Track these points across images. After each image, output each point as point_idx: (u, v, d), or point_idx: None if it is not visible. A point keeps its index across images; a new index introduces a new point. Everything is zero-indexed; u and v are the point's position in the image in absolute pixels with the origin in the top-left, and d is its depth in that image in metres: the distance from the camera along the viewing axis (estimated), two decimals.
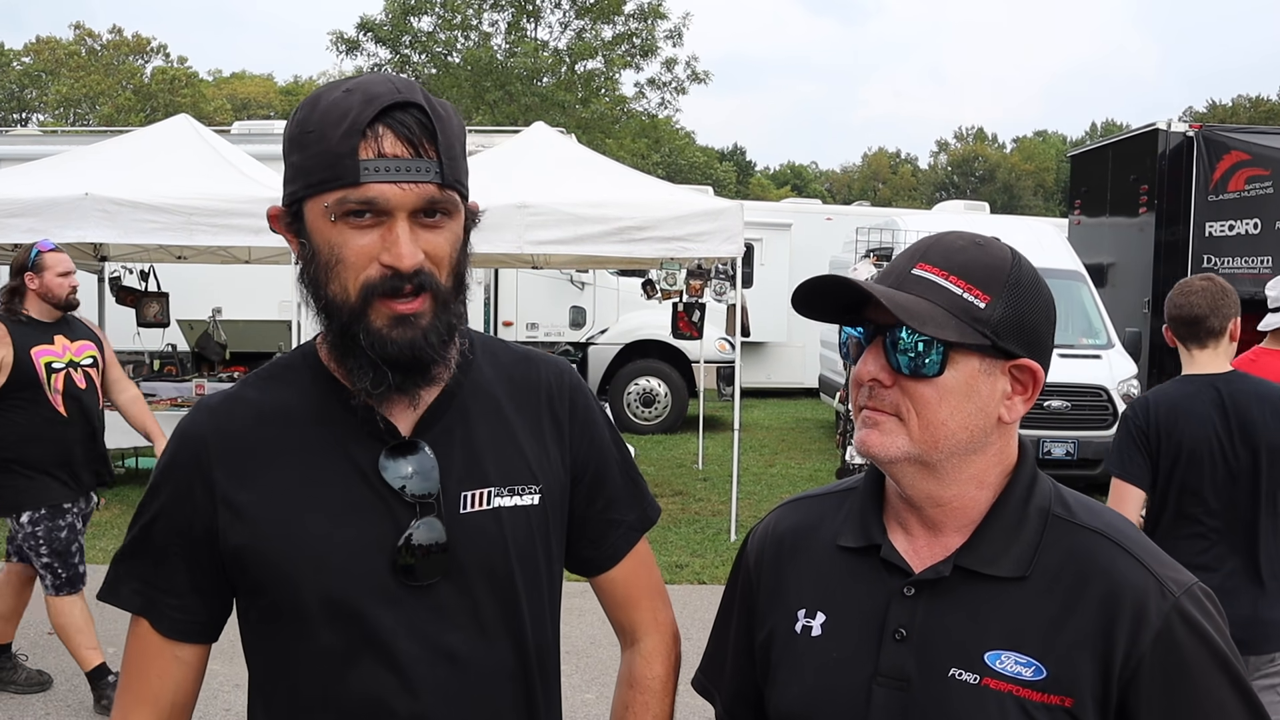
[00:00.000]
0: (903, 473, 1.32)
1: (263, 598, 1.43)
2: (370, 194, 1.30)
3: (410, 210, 1.32)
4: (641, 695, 1.64)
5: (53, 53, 48.38)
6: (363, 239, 1.32)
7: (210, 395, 1.52)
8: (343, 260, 1.33)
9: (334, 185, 1.31)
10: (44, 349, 5.06)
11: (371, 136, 1.30)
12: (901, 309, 1.23)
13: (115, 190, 8.40)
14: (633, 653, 1.67)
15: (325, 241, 1.34)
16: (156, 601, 1.46)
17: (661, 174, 25.98)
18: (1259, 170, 12.57)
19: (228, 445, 1.44)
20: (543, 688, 1.54)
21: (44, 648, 5.99)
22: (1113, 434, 3.62)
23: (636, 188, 9.46)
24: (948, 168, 79.06)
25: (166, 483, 1.46)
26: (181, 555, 1.45)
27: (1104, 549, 1.28)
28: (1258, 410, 3.39)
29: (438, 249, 1.35)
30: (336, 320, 1.36)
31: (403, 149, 1.30)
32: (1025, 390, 1.31)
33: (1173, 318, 3.59)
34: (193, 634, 1.48)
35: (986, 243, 1.32)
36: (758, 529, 1.56)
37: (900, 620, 1.31)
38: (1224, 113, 51.35)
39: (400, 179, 1.30)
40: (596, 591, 1.68)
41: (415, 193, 1.31)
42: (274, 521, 1.40)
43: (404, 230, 1.31)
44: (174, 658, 1.48)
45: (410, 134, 1.31)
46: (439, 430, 1.46)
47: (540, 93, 24.95)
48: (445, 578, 1.42)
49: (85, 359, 5.21)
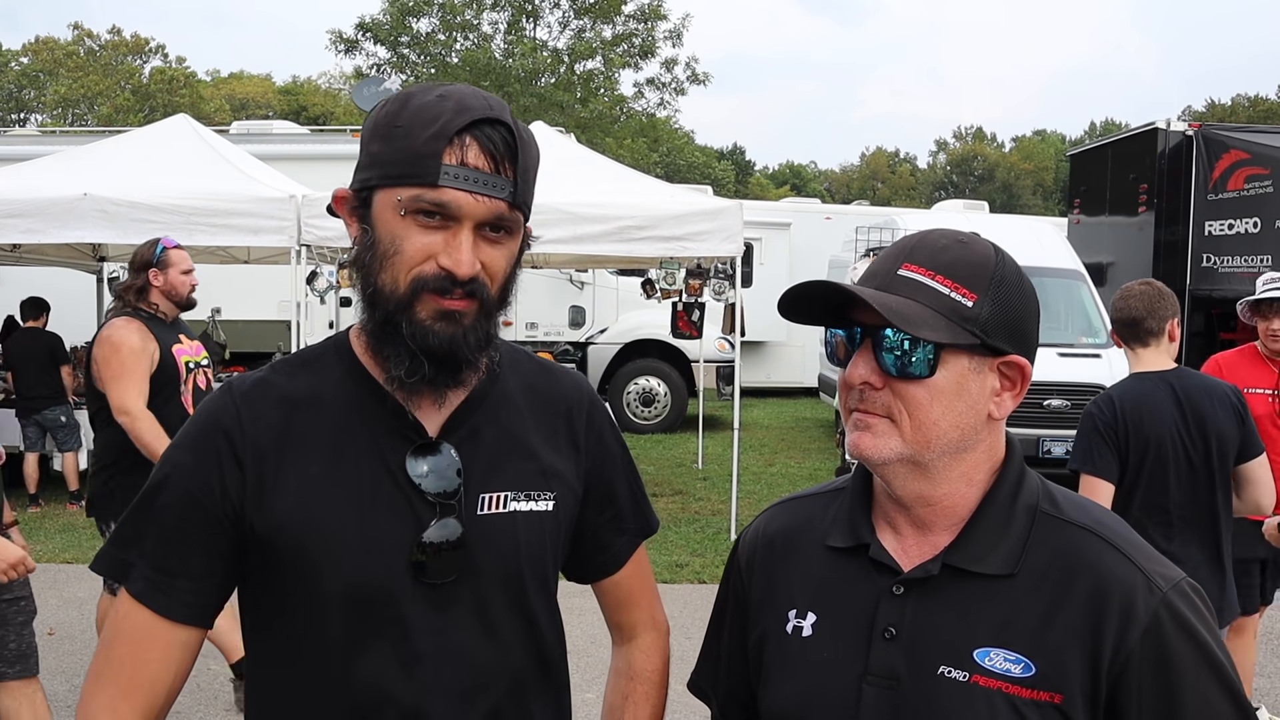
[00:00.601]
0: (894, 473, 1.32)
1: (277, 584, 1.44)
2: (445, 198, 1.34)
3: (478, 221, 1.37)
4: (642, 686, 1.71)
5: (51, 53, 48.38)
6: (426, 238, 1.36)
7: (239, 378, 1.51)
8: (401, 253, 1.37)
9: (412, 182, 1.35)
10: (180, 347, 4.91)
11: (458, 144, 1.35)
12: (893, 313, 1.23)
13: (114, 190, 8.40)
14: (631, 647, 1.74)
15: (389, 232, 1.38)
16: (165, 584, 1.43)
17: (660, 173, 26.00)
18: (1258, 169, 12.58)
19: (257, 429, 1.44)
20: (550, 692, 1.57)
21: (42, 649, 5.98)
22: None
23: (636, 187, 9.46)
24: (947, 167, 79.11)
25: (189, 462, 1.44)
26: (199, 536, 1.43)
27: (1092, 545, 1.28)
28: (1207, 403, 3.65)
29: (495, 263, 1.40)
30: (381, 309, 1.40)
31: (485, 162, 1.35)
32: (1014, 386, 1.32)
33: (1114, 320, 3.87)
34: (196, 617, 1.45)
35: (969, 240, 1.32)
36: (748, 531, 1.57)
37: (889, 619, 1.31)
38: (1223, 112, 51.38)
39: (477, 190, 1.35)
40: (598, 593, 1.74)
41: (487, 206, 1.36)
42: (300, 509, 1.41)
43: (468, 239, 1.36)
44: (179, 642, 1.44)
45: (494, 150, 1.36)
46: (464, 432, 1.49)
47: (538, 93, 24.95)
48: (459, 577, 1.44)
49: (203, 359, 5.08)
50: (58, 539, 8.52)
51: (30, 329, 9.87)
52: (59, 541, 8.44)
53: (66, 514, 9.35)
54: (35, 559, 7.78)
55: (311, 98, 56.95)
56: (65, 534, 8.68)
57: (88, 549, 8.20)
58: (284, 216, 8.43)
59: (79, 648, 5.99)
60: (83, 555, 8.03)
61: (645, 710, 1.70)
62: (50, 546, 8.29)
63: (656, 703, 1.71)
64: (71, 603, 6.87)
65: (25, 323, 9.90)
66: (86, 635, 6.19)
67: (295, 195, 8.53)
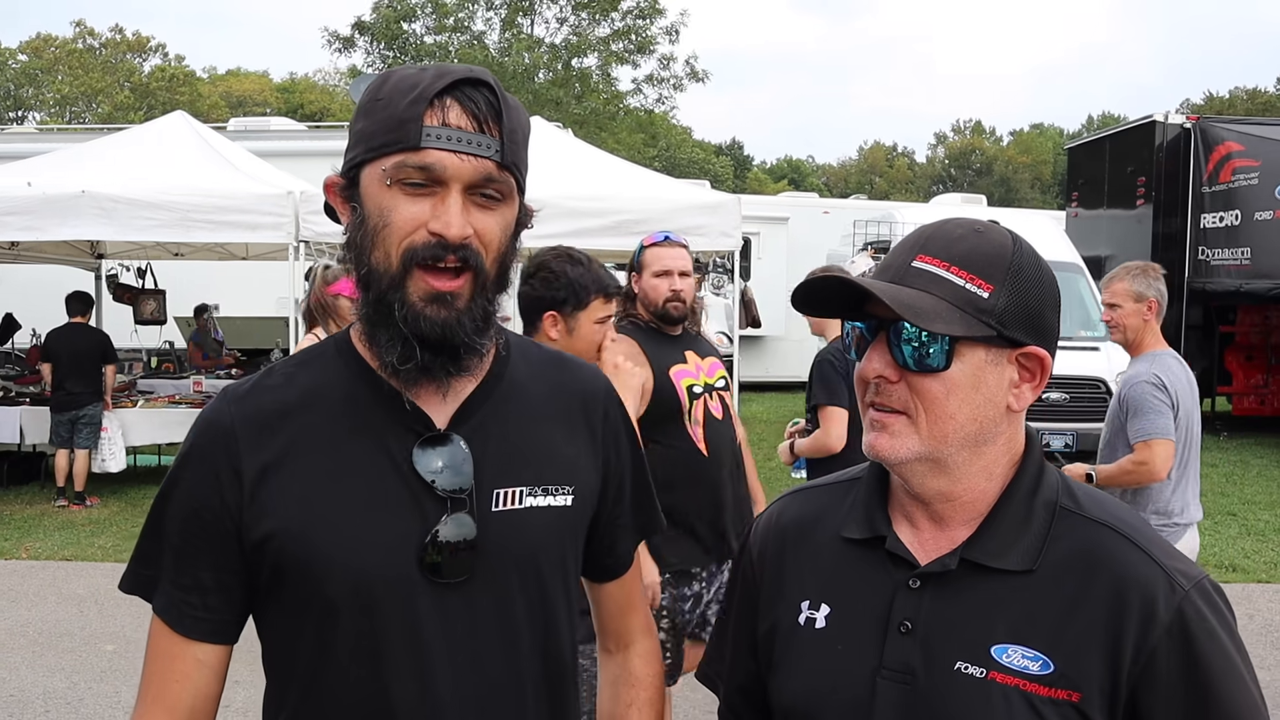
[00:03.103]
0: (912, 472, 1.30)
1: (284, 591, 1.38)
2: (429, 159, 1.29)
3: (466, 184, 1.31)
4: (645, 692, 1.67)
5: (51, 50, 48.25)
6: (414, 206, 1.31)
7: (237, 383, 1.47)
8: (390, 225, 1.32)
9: (394, 149, 1.30)
10: (681, 369, 3.82)
11: (439, 106, 1.30)
12: (905, 306, 1.21)
13: (112, 187, 8.39)
14: (630, 654, 1.68)
15: (376, 206, 1.33)
16: (176, 600, 1.40)
17: (659, 169, 25.91)
18: (1249, 161, 12.57)
19: (255, 434, 1.39)
20: (563, 695, 1.51)
21: (41, 646, 5.99)
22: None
23: (634, 182, 9.47)
24: (944, 161, 79.02)
25: (189, 473, 1.41)
26: (205, 550, 1.39)
27: (1112, 542, 1.26)
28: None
29: (488, 229, 1.34)
30: (374, 289, 1.34)
31: (467, 122, 1.30)
32: (1033, 378, 1.30)
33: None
34: (214, 634, 1.41)
35: (986, 229, 1.30)
36: (760, 521, 1.54)
37: (905, 613, 1.29)
38: (1221, 105, 51.37)
39: (461, 149, 1.30)
40: (599, 597, 1.68)
41: (473, 165, 1.30)
42: (301, 512, 1.36)
43: (456, 201, 1.31)
44: (195, 660, 1.41)
45: (476, 109, 1.31)
46: (475, 424, 1.42)
47: (533, 90, 24.92)
48: (473, 577, 1.38)
49: (718, 379, 3.98)
50: (56, 536, 8.51)
51: (76, 325, 9.64)
52: (58, 539, 8.43)
53: (66, 512, 9.34)
54: (33, 556, 7.83)
55: (308, 94, 56.80)
56: (64, 531, 8.67)
57: (86, 546, 8.20)
58: (282, 212, 8.42)
59: (78, 645, 5.98)
60: (81, 553, 8.03)
61: (649, 717, 1.66)
62: (49, 544, 8.29)
63: (660, 709, 1.67)
64: (70, 600, 6.86)
65: (71, 318, 9.64)
66: (85, 633, 6.18)
67: (293, 191, 8.53)
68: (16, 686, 5.42)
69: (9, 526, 8.85)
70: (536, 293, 3.28)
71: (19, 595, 6.98)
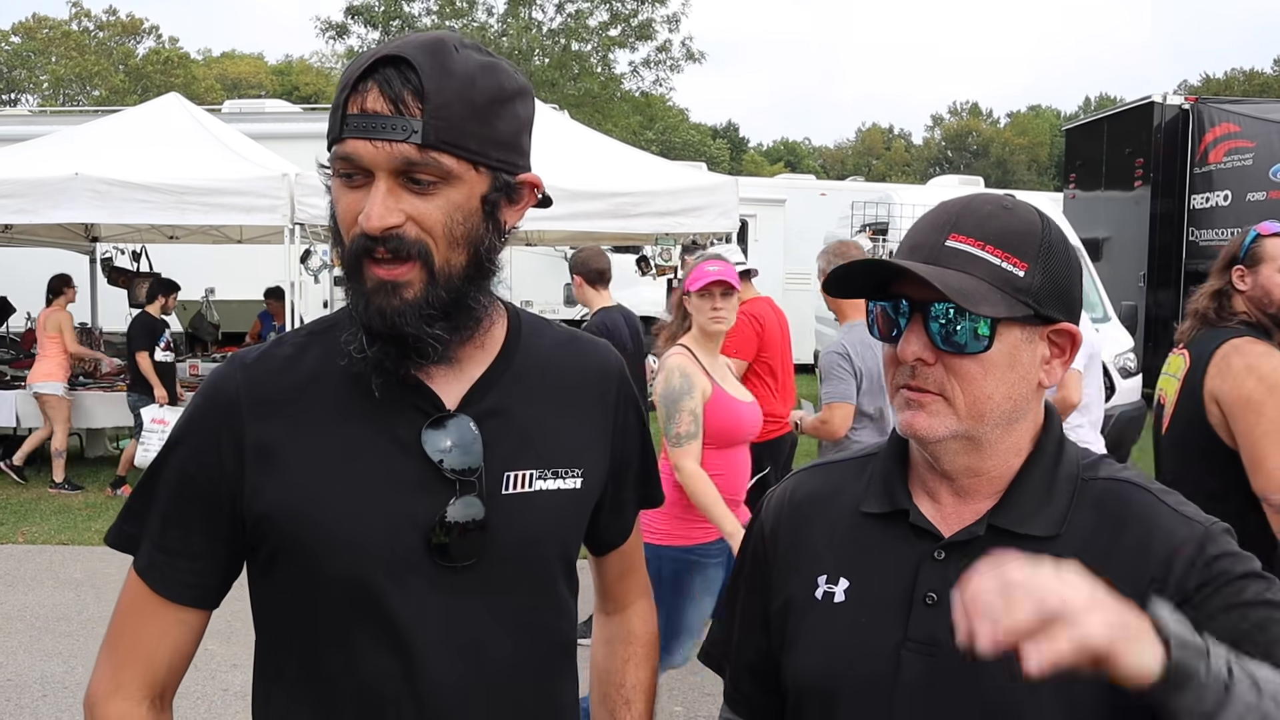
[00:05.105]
0: (945, 449, 1.30)
1: (282, 568, 1.36)
2: (348, 149, 1.26)
3: (389, 171, 1.25)
4: (642, 648, 1.72)
5: (44, 32, 48.00)
6: (350, 198, 1.29)
7: (246, 349, 1.44)
8: (339, 218, 1.31)
9: (331, 140, 1.29)
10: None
11: (360, 91, 1.25)
12: (955, 290, 1.20)
13: (105, 170, 8.34)
14: (629, 614, 1.73)
15: (334, 199, 1.32)
16: (159, 562, 1.38)
17: (656, 151, 25.85)
18: (1244, 142, 12.53)
19: (261, 402, 1.36)
20: (564, 681, 1.50)
21: (38, 631, 5.98)
22: (1110, 405, 3.74)
23: (630, 164, 9.43)
24: (941, 143, 78.90)
25: (190, 437, 1.38)
26: (196, 516, 1.36)
27: (1133, 496, 1.28)
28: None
29: (426, 216, 1.27)
30: (344, 279, 1.33)
31: (383, 105, 1.24)
32: (1063, 353, 1.30)
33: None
34: (198, 599, 1.40)
35: (1014, 205, 1.30)
36: (773, 496, 1.53)
37: (931, 585, 1.29)
38: (1218, 86, 51.26)
39: (373, 135, 1.24)
40: (600, 564, 1.70)
41: (387, 152, 1.24)
42: (304, 487, 1.33)
43: (379, 191, 1.25)
44: (177, 619, 1.39)
45: (391, 91, 1.24)
46: (486, 405, 1.39)
47: (529, 72, 24.80)
48: (478, 561, 1.35)
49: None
50: (53, 521, 8.50)
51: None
52: (54, 524, 8.42)
53: (61, 496, 9.32)
54: (30, 541, 7.83)
55: (304, 77, 56.63)
56: (60, 516, 8.66)
57: (83, 531, 8.19)
58: (277, 195, 8.38)
59: (75, 629, 5.98)
60: (78, 537, 8.02)
61: (646, 671, 1.71)
62: (45, 529, 8.28)
63: (654, 664, 1.73)
64: (67, 584, 6.86)
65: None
66: (83, 617, 6.18)
67: (288, 174, 8.48)
68: (14, 671, 5.41)
69: (5, 511, 8.83)
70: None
71: (16, 580, 6.98)
